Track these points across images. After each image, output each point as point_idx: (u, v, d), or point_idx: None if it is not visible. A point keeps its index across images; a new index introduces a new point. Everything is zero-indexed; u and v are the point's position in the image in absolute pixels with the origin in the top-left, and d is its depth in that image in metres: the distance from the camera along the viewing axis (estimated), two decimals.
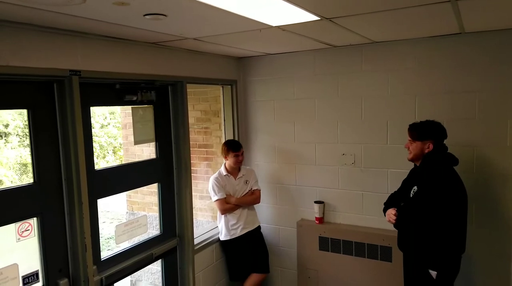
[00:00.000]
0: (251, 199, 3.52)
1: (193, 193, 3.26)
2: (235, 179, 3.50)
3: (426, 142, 2.51)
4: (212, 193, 3.43)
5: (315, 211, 3.55)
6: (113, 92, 2.63)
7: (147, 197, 4.62)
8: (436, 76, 3.00)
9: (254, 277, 3.51)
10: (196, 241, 3.35)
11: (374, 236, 3.29)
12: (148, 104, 2.92)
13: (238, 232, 3.46)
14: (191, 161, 3.37)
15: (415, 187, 2.53)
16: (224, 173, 3.49)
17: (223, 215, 3.46)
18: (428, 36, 2.95)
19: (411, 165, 3.16)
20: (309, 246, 3.60)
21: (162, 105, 3.04)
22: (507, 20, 2.50)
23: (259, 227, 3.63)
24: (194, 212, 3.28)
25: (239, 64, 3.81)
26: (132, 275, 4.82)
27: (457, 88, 2.93)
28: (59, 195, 2.24)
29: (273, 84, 3.70)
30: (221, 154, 3.57)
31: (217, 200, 3.39)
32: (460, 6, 2.02)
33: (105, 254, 2.61)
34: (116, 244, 2.68)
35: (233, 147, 3.46)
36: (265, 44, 3.06)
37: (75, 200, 2.24)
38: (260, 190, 3.57)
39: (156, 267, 4.31)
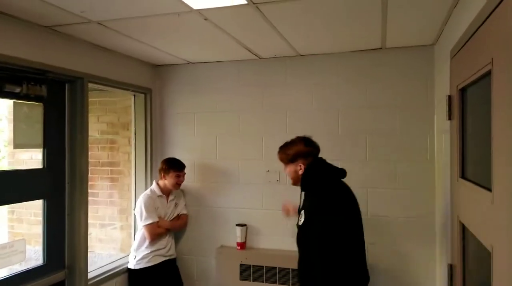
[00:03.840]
0: (181, 224, 3.22)
1: (92, 221, 2.71)
2: (167, 202, 3.11)
3: (297, 163, 2.14)
4: (143, 215, 2.94)
5: (237, 235, 3.19)
6: None
7: (35, 228, 3.81)
8: (358, 90, 2.98)
9: None
10: (91, 275, 2.74)
11: None
12: (36, 101, 2.38)
13: (160, 259, 3.01)
14: (92, 182, 2.85)
15: (302, 212, 2.07)
16: (159, 193, 3.04)
17: (142, 239, 2.98)
18: (350, 51, 2.95)
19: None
20: (229, 276, 3.18)
21: (56, 105, 2.53)
22: (426, 36, 2.58)
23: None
24: (92, 243, 2.72)
25: (155, 72, 3.45)
26: None
27: (378, 103, 2.93)
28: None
29: (193, 96, 3.40)
30: (158, 172, 3.11)
31: (149, 224, 2.92)
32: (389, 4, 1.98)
33: None
34: None
35: (175, 166, 3.08)
36: (185, 43, 2.76)
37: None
38: (187, 215, 3.29)
39: None
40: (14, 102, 2.28)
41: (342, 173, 2.14)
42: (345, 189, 2.11)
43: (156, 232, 2.96)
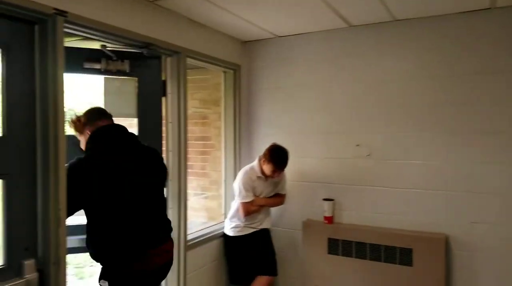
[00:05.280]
0: (277, 201, 3.19)
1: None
2: (266, 181, 3.08)
3: (85, 133, 2.01)
4: (240, 193, 3.01)
5: (324, 209, 3.17)
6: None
7: None
8: (460, 56, 2.73)
9: (261, 280, 3.01)
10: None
11: (392, 236, 2.91)
12: (131, 76, 2.57)
13: (252, 230, 3.08)
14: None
15: None
16: (259, 174, 3.03)
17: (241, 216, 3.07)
18: (453, 13, 2.72)
19: (437, 156, 2.87)
20: (316, 249, 3.18)
21: (152, 79, 2.68)
22: None
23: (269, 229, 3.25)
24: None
25: (244, 48, 3.54)
26: None
27: (485, 69, 2.67)
28: (31, 154, 1.85)
29: (280, 71, 3.42)
30: (263, 156, 3.03)
31: (244, 202, 3.01)
32: None
33: None
34: None
35: (276, 162, 2.95)
36: (274, 12, 2.74)
37: (50, 162, 1.85)
38: (286, 195, 3.23)
39: None
40: (105, 77, 2.50)
41: (128, 137, 2.01)
42: (125, 151, 1.97)
43: (249, 210, 3.01)
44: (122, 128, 2.03)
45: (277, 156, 2.96)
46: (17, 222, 1.79)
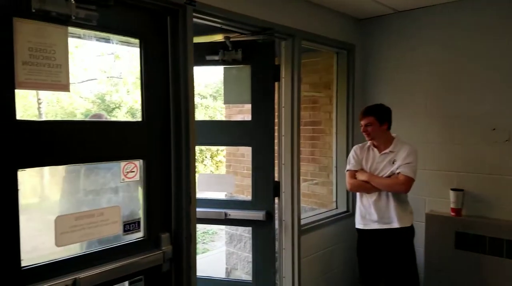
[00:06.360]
0: (389, 182, 2.57)
1: None
2: (380, 153, 2.67)
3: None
4: (347, 162, 2.83)
5: (452, 200, 2.86)
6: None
7: (246, 180, 4.31)
8: None
9: None
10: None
11: None
12: (245, 64, 2.59)
13: (372, 225, 2.67)
14: None
15: None
16: (368, 143, 2.73)
17: (357, 195, 2.79)
18: None
19: None
20: (441, 243, 2.91)
21: (265, 65, 2.64)
22: None
23: (405, 229, 2.64)
24: None
25: (359, 26, 3.34)
26: (228, 263, 4.54)
27: None
28: (166, 138, 2.00)
29: (400, 49, 3.15)
30: None
31: (346, 171, 2.78)
32: None
33: None
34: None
35: (361, 112, 2.71)
36: None
37: (182, 145, 1.98)
38: (408, 177, 2.50)
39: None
40: (224, 67, 2.57)
41: None
42: None
43: (350, 181, 2.70)
44: None
45: (364, 108, 2.73)
46: (155, 199, 1.97)
